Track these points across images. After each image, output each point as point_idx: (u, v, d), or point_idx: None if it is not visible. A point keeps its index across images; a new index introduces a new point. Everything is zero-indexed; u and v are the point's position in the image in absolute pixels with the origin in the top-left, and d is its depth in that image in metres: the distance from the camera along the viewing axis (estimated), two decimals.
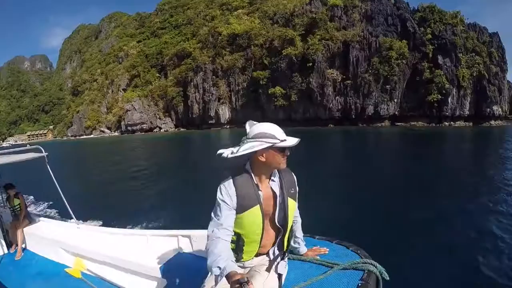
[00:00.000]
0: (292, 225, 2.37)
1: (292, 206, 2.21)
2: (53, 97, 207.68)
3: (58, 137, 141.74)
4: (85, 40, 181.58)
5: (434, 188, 11.23)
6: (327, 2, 55.30)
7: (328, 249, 2.54)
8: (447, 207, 8.82)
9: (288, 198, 2.19)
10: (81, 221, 6.83)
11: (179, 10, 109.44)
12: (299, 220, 2.51)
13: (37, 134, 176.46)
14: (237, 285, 1.57)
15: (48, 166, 6.79)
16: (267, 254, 2.26)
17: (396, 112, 46.10)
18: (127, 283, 4.44)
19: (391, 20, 49.10)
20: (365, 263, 2.22)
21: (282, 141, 1.95)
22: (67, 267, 5.41)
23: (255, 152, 1.99)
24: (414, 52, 46.17)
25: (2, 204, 8.12)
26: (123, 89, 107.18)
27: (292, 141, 1.98)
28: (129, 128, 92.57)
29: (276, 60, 55.58)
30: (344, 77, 47.76)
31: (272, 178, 2.16)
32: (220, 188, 2.07)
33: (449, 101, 46.04)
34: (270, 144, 1.94)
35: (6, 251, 6.90)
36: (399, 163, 17.39)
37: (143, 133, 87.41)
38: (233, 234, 2.08)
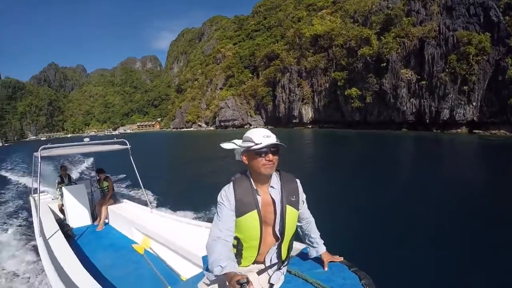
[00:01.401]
0: (303, 228, 2.50)
1: (292, 214, 2.19)
2: (161, 93, 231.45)
3: (164, 128, 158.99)
4: (189, 42, 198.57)
5: None
6: None
7: (342, 258, 2.46)
8: None
9: (287, 206, 2.17)
10: (154, 207, 7.77)
11: (272, 12, 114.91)
12: (312, 220, 2.50)
13: (146, 125, 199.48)
14: (238, 286, 1.59)
15: (131, 157, 7.89)
16: (264, 261, 2.26)
17: (475, 118, 40.08)
18: (179, 268, 5.07)
19: (473, 10, 42.69)
20: None
21: (256, 144, 1.97)
22: (135, 243, 6.41)
23: (241, 154, 2.09)
24: (498, 47, 39.59)
25: (95, 185, 9.61)
26: (220, 88, 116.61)
27: (263, 144, 1.97)
28: (222, 123, 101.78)
29: (353, 61, 54.91)
30: (419, 77, 44.50)
31: (272, 185, 2.17)
32: (220, 192, 2.14)
33: None
34: (246, 147, 2.02)
35: (91, 222, 8.37)
36: (473, 184, 13.79)
37: (234, 128, 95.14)
38: (233, 236, 2.12)
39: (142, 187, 8.15)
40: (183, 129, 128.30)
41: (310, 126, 68.31)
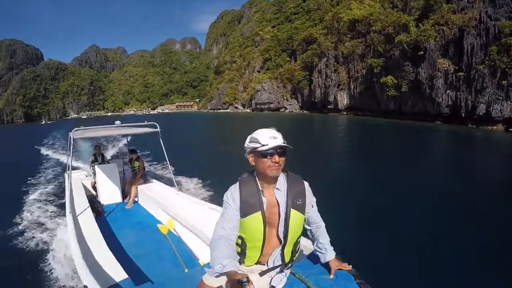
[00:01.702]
0: (312, 232, 2.47)
1: (297, 218, 2.20)
2: (200, 75, 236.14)
3: (202, 109, 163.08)
4: (229, 24, 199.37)
5: None
6: None
7: (350, 267, 2.40)
8: None
9: (292, 209, 2.16)
10: (180, 189, 7.87)
11: None
12: (322, 225, 2.46)
13: (184, 105, 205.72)
14: (238, 285, 1.61)
15: (161, 140, 7.98)
16: (267, 263, 2.28)
17: None
18: (199, 252, 5.20)
19: None
20: None
21: (262, 145, 1.98)
22: (160, 223, 6.61)
23: (248, 154, 2.12)
24: None
25: (127, 164, 10.01)
26: (257, 71, 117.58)
27: (269, 146, 1.97)
28: (258, 106, 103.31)
29: (390, 48, 53.34)
30: (457, 68, 42.13)
31: (278, 186, 2.18)
32: (227, 191, 2.20)
33: None
34: (252, 148, 2.05)
35: (121, 200, 8.69)
36: (504, 186, 12.93)
37: (270, 112, 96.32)
38: (237, 235, 2.17)
39: (170, 169, 8.29)
40: (220, 110, 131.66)
41: (345, 113, 68.14)
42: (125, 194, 8.85)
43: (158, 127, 8.00)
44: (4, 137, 77.27)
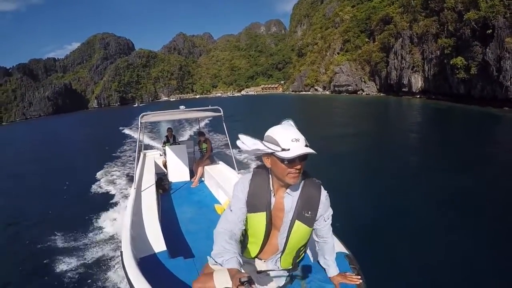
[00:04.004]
0: (319, 245, 2.40)
1: (300, 230, 2.09)
2: (285, 57, 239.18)
3: (286, 91, 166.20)
4: (312, 5, 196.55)
5: None
6: None
7: (359, 281, 2.37)
8: None
9: (296, 221, 2.05)
10: (241, 171, 7.86)
11: None
12: (330, 241, 2.36)
13: (269, 87, 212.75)
14: (239, 284, 1.58)
15: (224, 124, 8.10)
16: (267, 261, 2.27)
17: None
18: None
19: None
20: None
21: (283, 150, 1.79)
22: (218, 203, 6.99)
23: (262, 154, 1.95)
24: None
25: (196, 146, 10.36)
26: (337, 53, 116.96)
27: (293, 152, 1.76)
28: (336, 88, 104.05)
29: (460, 26, 49.46)
30: None
31: (288, 191, 2.05)
32: (238, 181, 2.17)
33: None
34: (270, 151, 1.85)
35: (188, 179, 9.20)
36: None
37: (347, 94, 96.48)
38: (242, 228, 2.14)
39: (232, 152, 8.36)
40: (301, 93, 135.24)
41: (418, 96, 65.89)
42: (192, 173, 9.25)
43: (222, 111, 8.09)
44: (100, 117, 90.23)
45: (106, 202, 11.70)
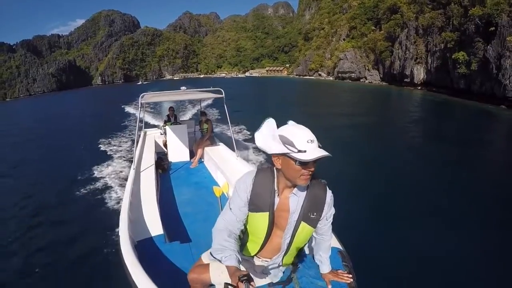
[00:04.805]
0: (317, 241, 2.40)
1: (306, 230, 2.11)
2: (292, 40, 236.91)
3: (290, 75, 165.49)
4: None
5: None
6: None
7: (350, 280, 2.38)
8: None
9: (302, 222, 2.06)
10: (239, 154, 7.69)
11: None
12: (328, 239, 2.36)
13: (274, 70, 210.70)
14: (238, 281, 1.60)
15: (225, 105, 8.10)
16: (266, 259, 2.30)
17: None
18: None
19: None
20: None
21: (299, 151, 1.75)
22: (216, 185, 6.86)
23: (272, 154, 1.89)
24: None
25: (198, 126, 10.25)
26: (343, 39, 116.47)
27: (310, 155, 1.73)
28: (339, 75, 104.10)
29: (464, 21, 49.51)
30: None
31: (294, 192, 2.03)
32: (241, 178, 2.12)
33: None
34: (285, 152, 1.80)
35: (188, 159, 9.20)
36: None
37: (350, 81, 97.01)
38: (242, 227, 2.15)
39: (232, 134, 8.36)
40: (305, 77, 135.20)
41: (419, 88, 66.20)
42: (192, 154, 9.21)
43: (223, 93, 7.97)
44: (104, 94, 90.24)
45: (104, 181, 11.77)
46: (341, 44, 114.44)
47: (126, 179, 7.46)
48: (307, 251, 2.96)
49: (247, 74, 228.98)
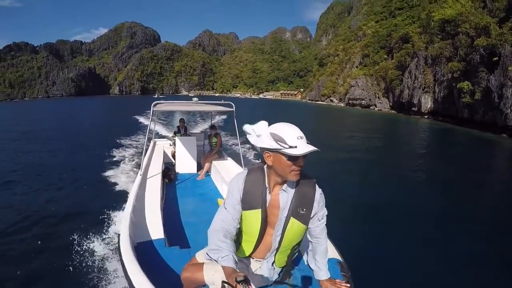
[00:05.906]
0: (312, 245, 2.39)
1: (295, 227, 2.11)
2: (308, 65, 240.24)
3: (303, 100, 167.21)
4: (339, 16, 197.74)
5: None
6: None
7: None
8: None
9: (292, 218, 2.07)
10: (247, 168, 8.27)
11: None
12: (324, 242, 2.34)
13: (288, 93, 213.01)
14: (235, 283, 1.57)
15: (235, 119, 8.07)
16: (261, 260, 2.30)
17: None
18: None
19: None
20: None
21: (290, 147, 1.81)
22: (222, 198, 6.88)
23: (264, 150, 1.95)
24: None
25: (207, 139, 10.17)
26: (356, 66, 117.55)
27: (301, 150, 1.80)
28: (350, 101, 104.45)
29: (470, 51, 49.72)
30: None
31: (284, 188, 2.07)
32: (233, 178, 2.18)
33: None
34: (276, 148, 1.85)
35: (195, 171, 9.22)
36: None
37: (360, 108, 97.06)
38: (237, 226, 2.13)
39: (240, 148, 8.44)
40: (317, 102, 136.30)
41: (426, 117, 65.85)
42: (200, 166, 9.18)
43: (234, 107, 8.13)
44: (120, 104, 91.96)
45: (111, 185, 11.82)
46: (353, 71, 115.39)
47: (132, 184, 7.46)
48: (302, 256, 2.97)
49: (261, 96, 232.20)
